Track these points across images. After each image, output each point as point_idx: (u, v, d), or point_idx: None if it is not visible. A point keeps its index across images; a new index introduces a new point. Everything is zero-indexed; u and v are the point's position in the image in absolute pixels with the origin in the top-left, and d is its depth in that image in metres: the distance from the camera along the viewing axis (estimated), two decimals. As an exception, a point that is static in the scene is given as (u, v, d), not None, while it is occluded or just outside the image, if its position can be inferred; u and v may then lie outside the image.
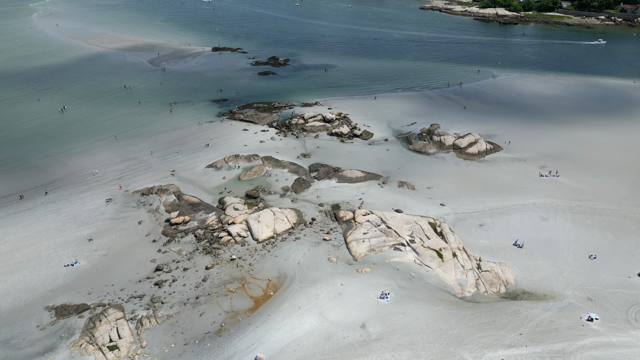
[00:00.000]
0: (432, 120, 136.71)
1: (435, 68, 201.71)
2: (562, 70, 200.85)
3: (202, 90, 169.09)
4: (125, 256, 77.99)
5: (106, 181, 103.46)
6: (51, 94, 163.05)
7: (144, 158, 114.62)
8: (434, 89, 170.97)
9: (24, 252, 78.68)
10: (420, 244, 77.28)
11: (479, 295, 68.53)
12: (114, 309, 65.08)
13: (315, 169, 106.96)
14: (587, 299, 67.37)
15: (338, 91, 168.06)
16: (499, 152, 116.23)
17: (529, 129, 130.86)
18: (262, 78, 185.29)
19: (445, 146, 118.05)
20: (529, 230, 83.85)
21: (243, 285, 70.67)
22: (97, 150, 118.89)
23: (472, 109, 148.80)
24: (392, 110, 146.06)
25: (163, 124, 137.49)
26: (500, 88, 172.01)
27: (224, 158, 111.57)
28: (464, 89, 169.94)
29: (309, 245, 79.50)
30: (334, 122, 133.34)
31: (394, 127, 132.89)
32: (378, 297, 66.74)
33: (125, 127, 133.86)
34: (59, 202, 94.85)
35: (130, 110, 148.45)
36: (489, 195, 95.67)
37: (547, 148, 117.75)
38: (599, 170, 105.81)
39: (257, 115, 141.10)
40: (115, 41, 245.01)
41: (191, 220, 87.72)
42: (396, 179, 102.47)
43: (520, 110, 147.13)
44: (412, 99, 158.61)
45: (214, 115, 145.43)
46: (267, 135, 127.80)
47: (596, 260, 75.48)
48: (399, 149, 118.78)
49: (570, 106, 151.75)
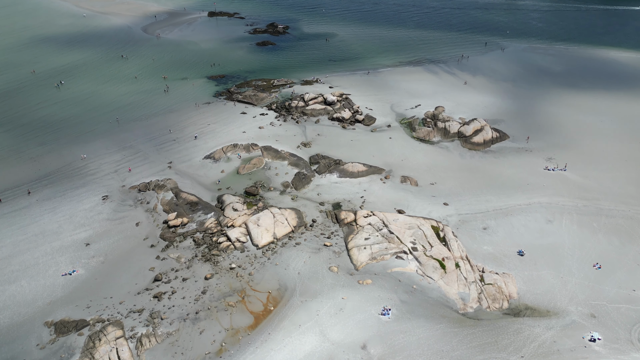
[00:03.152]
0: (437, 101, 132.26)
1: (440, 38, 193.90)
2: (575, 40, 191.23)
3: (198, 64, 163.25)
4: (124, 263, 76.99)
5: (102, 174, 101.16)
6: (46, 64, 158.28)
7: (140, 147, 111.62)
8: (438, 63, 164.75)
9: (21, 259, 77.72)
10: (423, 253, 76.01)
11: (481, 311, 67.90)
12: (114, 327, 64.62)
13: (315, 161, 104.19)
14: (591, 315, 66.76)
15: (339, 66, 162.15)
16: (505, 141, 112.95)
17: (536, 113, 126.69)
18: (261, 50, 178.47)
19: (450, 134, 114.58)
20: (533, 234, 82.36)
21: (243, 298, 69.99)
22: (92, 137, 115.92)
23: (478, 88, 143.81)
24: (395, 90, 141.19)
25: (159, 105, 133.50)
26: (508, 62, 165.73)
27: (222, 148, 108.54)
28: (470, 63, 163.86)
29: (310, 252, 78.27)
30: (335, 104, 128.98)
31: (397, 111, 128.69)
32: (379, 314, 66.16)
33: (120, 109, 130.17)
34: (54, 199, 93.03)
35: (126, 88, 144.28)
36: (493, 192, 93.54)
37: (555, 136, 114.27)
38: (608, 163, 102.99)
39: (256, 95, 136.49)
40: (108, 3, 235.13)
41: (189, 222, 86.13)
42: (399, 173, 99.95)
43: (528, 90, 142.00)
44: (416, 76, 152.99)
45: (211, 94, 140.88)
46: (266, 119, 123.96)
47: (601, 270, 74.40)
48: (402, 137, 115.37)
49: (582, 85, 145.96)
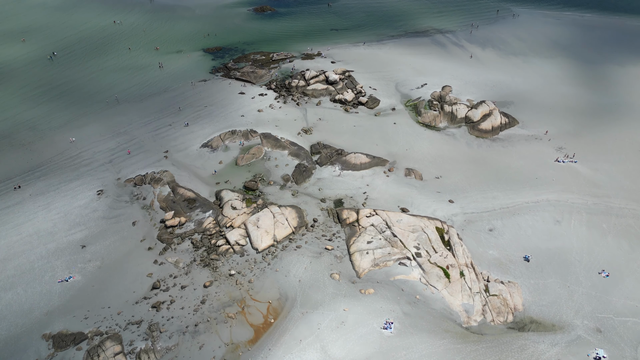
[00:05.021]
0: (444, 80, 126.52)
1: (449, 3, 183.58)
2: (592, 5, 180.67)
3: (193, 34, 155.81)
4: (121, 269, 75.36)
5: (96, 165, 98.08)
6: (37, 32, 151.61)
7: (135, 132, 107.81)
8: (446, 33, 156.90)
9: (17, 263, 76.14)
10: (427, 259, 74.08)
11: (485, 325, 66.73)
12: (112, 341, 63.82)
13: (317, 150, 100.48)
14: (597, 330, 65.58)
15: (342, 37, 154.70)
16: (514, 127, 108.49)
17: (547, 94, 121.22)
18: (259, 17, 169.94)
19: (457, 119, 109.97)
20: (541, 236, 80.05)
21: (243, 309, 68.78)
22: (85, 121, 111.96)
23: (487, 63, 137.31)
24: (400, 66, 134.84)
25: (153, 83, 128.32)
26: (520, 33, 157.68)
27: (219, 135, 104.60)
28: (479, 34, 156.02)
29: (311, 256, 76.38)
30: (338, 84, 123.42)
31: (402, 91, 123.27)
32: (381, 328, 65.04)
33: (115, 86, 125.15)
34: (47, 194, 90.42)
35: (120, 62, 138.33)
36: (500, 188, 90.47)
37: (566, 122, 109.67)
38: (620, 154, 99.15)
39: (254, 72, 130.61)
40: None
41: (187, 221, 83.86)
42: (403, 165, 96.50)
43: (539, 66, 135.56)
44: (423, 49, 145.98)
45: (207, 70, 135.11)
46: (265, 101, 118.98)
47: (609, 278, 72.66)
48: (407, 123, 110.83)
49: (596, 60, 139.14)
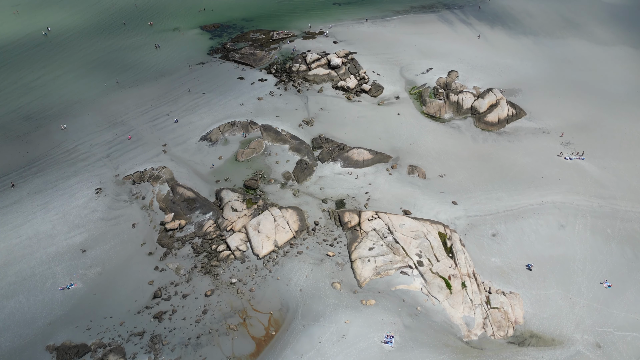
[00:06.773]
0: (450, 63, 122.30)
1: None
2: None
3: (188, 7, 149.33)
4: (122, 275, 75.21)
5: (94, 160, 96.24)
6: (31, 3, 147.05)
7: (132, 123, 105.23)
8: (453, 8, 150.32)
9: (17, 269, 75.90)
10: (429, 268, 73.68)
11: (485, 339, 67.08)
12: (115, 354, 64.46)
13: (318, 145, 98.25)
14: (596, 345, 65.95)
15: (345, 12, 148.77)
16: (521, 119, 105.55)
17: (556, 82, 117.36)
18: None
19: (463, 110, 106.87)
20: (544, 243, 79.32)
21: (244, 320, 69.10)
22: (81, 110, 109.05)
23: (496, 45, 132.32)
24: (405, 47, 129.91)
25: (150, 66, 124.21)
26: (530, 8, 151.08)
27: (218, 127, 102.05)
28: (488, 9, 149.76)
29: (312, 263, 76.00)
30: (340, 68, 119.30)
31: (407, 77, 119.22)
32: (382, 342, 65.41)
33: (110, 69, 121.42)
34: (45, 192, 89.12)
35: (114, 40, 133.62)
36: (505, 188, 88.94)
37: (575, 113, 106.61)
38: (629, 150, 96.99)
39: (254, 55, 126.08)
40: None
41: (187, 223, 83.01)
42: (406, 162, 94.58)
43: (550, 48, 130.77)
44: (429, 27, 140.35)
45: (205, 52, 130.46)
46: (265, 88, 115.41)
47: (611, 289, 72.49)
48: (411, 113, 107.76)
49: (609, 41, 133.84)
